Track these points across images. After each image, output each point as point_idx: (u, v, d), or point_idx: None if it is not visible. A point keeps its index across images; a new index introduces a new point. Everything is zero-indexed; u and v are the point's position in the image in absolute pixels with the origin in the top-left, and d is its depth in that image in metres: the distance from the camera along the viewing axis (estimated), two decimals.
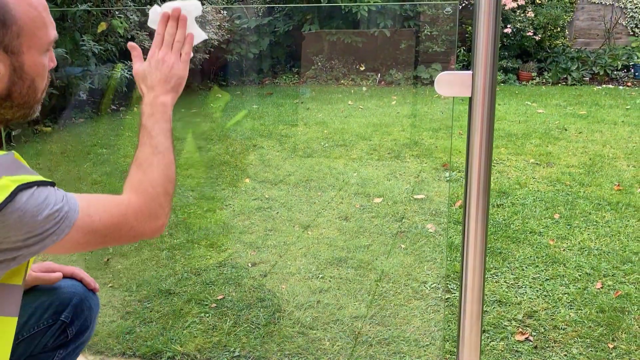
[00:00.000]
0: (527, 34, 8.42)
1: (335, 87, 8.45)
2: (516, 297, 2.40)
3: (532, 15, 8.52)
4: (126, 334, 2.17)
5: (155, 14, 1.18)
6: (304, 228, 3.21)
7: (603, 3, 8.89)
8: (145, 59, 1.19)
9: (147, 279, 2.62)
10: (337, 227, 3.20)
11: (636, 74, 8.19)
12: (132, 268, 2.75)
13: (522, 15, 8.54)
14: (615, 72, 8.32)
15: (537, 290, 2.45)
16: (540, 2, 8.74)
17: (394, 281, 2.58)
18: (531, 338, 2.11)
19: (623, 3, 8.80)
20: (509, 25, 8.35)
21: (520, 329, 2.16)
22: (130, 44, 1.18)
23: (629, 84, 8.05)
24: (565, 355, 2.01)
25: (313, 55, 9.08)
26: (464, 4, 8.72)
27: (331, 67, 8.91)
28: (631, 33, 8.87)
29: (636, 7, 8.74)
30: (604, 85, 7.99)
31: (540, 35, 8.52)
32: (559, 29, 8.66)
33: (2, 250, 0.89)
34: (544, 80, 8.33)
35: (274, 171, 4.28)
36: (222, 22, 8.59)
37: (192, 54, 1.19)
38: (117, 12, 6.27)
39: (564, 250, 2.84)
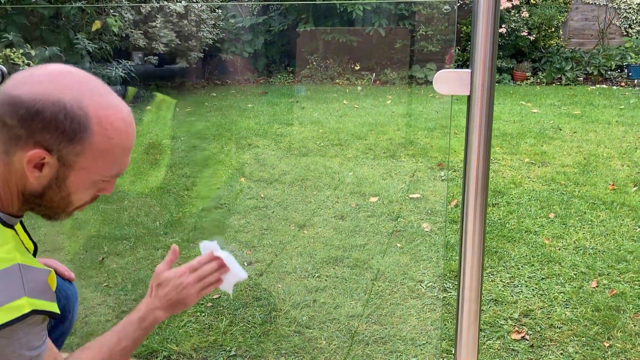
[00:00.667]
0: (522, 34, 8.44)
1: (330, 86, 8.45)
2: (512, 296, 2.41)
3: (527, 15, 8.54)
4: None
5: (213, 247, 1.22)
6: (300, 227, 3.20)
7: (597, 3, 8.93)
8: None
9: (143, 278, 2.61)
10: (333, 226, 3.19)
11: (630, 74, 8.23)
12: (127, 267, 2.73)
13: (516, 15, 8.56)
14: (609, 72, 8.36)
15: (532, 289, 2.46)
16: (534, 2, 8.77)
17: (390, 280, 2.58)
18: (527, 337, 2.12)
19: (617, 3, 8.83)
20: (503, 25, 8.37)
21: (517, 328, 2.17)
22: (173, 247, 1.22)
23: (623, 84, 8.09)
24: (561, 353, 2.01)
25: (308, 54, 9.07)
26: (459, 4, 8.73)
27: (326, 66, 8.90)
28: (625, 33, 8.91)
29: (630, 8, 8.78)
30: (598, 85, 8.02)
31: (534, 35, 8.54)
32: (553, 29, 8.69)
33: None
34: (539, 80, 8.36)
35: (269, 170, 4.27)
36: (216, 20, 8.58)
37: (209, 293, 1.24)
38: (111, 11, 6.24)
39: (559, 249, 2.85)
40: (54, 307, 0.94)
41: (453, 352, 1.31)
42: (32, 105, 0.90)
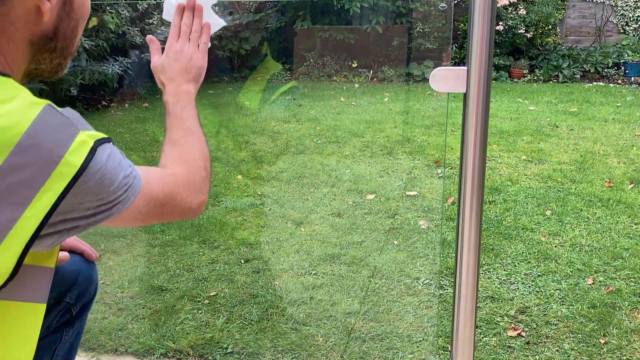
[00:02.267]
0: (519, 31, 8.45)
1: (327, 83, 8.44)
2: (508, 293, 2.41)
3: (524, 12, 8.55)
4: (118, 331, 2.16)
5: (169, 5, 1.15)
6: (297, 224, 3.20)
7: (594, 1, 8.93)
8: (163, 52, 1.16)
9: (139, 276, 2.61)
10: (330, 224, 3.20)
11: (626, 71, 8.24)
12: (123, 264, 2.73)
13: (513, 12, 8.56)
14: (606, 70, 8.37)
15: (529, 286, 2.47)
16: None
17: (386, 277, 2.58)
18: (523, 334, 2.12)
19: (614, 1, 8.84)
20: (500, 23, 8.37)
21: (513, 325, 2.17)
22: (148, 37, 1.16)
23: (620, 81, 8.09)
24: (557, 350, 2.02)
25: (305, 51, 9.06)
26: (456, 1, 8.73)
27: (323, 63, 8.89)
28: (622, 31, 8.92)
29: (627, 5, 8.79)
30: (595, 83, 8.03)
31: (531, 33, 8.54)
32: (550, 27, 8.69)
33: (68, 219, 0.79)
34: (536, 78, 8.36)
35: (266, 168, 4.27)
36: None
37: (209, 43, 1.16)
38: (108, 7, 6.23)
39: (555, 246, 2.86)
40: (104, 135, 0.85)
41: (449, 348, 1.31)
42: None
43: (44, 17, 0.85)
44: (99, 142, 0.81)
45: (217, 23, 1.17)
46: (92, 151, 0.79)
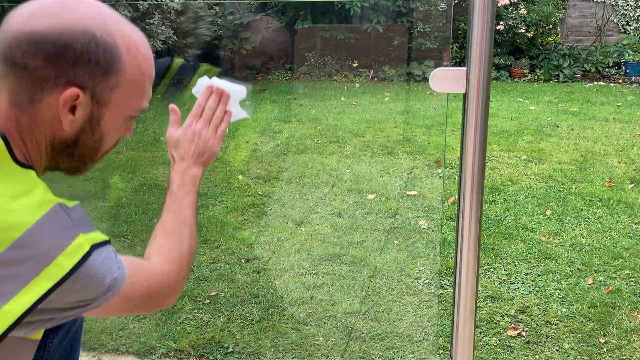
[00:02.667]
0: (520, 31, 8.45)
1: (328, 83, 8.45)
2: (508, 292, 2.42)
3: (524, 12, 8.55)
4: (119, 331, 2.17)
5: (202, 85, 1.17)
6: (298, 224, 3.21)
7: (595, 0, 8.93)
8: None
9: None
10: (331, 224, 3.20)
11: (627, 71, 8.23)
12: None
13: (514, 12, 8.56)
14: (606, 69, 8.36)
15: (529, 286, 2.47)
16: None
17: (387, 277, 2.58)
18: (523, 333, 2.13)
19: (614, 1, 8.84)
20: (501, 22, 8.37)
21: (513, 325, 2.18)
22: (171, 107, 1.17)
23: (620, 81, 8.09)
24: (557, 350, 2.03)
25: (306, 51, 9.06)
26: (456, 1, 8.73)
27: (324, 63, 8.90)
28: (622, 30, 8.92)
29: (627, 5, 8.79)
30: (596, 82, 8.03)
31: (532, 32, 8.54)
32: (551, 26, 8.69)
33: (46, 310, 0.80)
34: (536, 77, 8.36)
35: (267, 167, 4.28)
36: (214, 17, 8.57)
37: (227, 130, 1.19)
38: None
39: (555, 246, 2.86)
40: (103, 236, 0.88)
41: (449, 348, 1.32)
42: (58, 38, 0.79)
43: (63, 126, 0.87)
44: (95, 247, 0.84)
45: (238, 113, 1.20)
46: (86, 256, 0.81)
